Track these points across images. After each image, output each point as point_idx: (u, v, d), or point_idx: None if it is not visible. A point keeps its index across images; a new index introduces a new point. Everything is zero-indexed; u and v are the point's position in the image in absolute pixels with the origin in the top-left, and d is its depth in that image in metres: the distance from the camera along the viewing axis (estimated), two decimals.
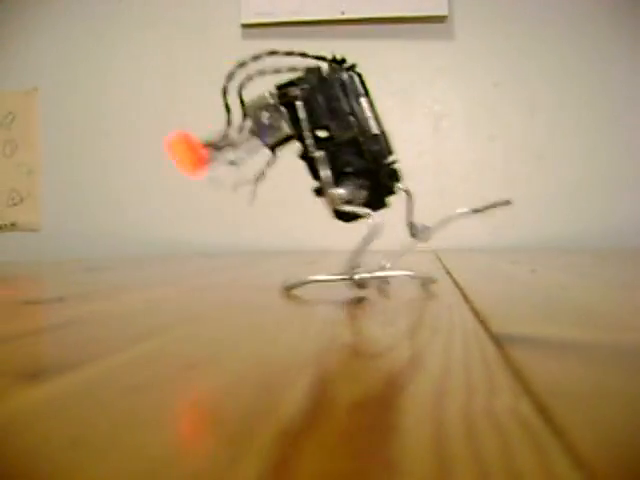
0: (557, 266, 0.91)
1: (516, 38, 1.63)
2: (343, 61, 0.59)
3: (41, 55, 1.75)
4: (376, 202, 0.58)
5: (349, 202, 0.55)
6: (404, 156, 1.67)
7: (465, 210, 0.60)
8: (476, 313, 0.40)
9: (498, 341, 0.30)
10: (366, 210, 0.56)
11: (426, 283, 0.58)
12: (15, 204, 1.74)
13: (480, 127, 1.64)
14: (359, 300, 0.50)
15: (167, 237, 1.64)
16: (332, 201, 0.54)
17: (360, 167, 0.56)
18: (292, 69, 0.57)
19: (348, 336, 0.34)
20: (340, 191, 0.55)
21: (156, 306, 0.51)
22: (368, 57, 1.62)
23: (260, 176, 0.57)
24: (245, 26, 1.65)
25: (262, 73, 0.57)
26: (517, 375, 0.24)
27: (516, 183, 1.62)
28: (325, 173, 0.54)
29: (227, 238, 1.61)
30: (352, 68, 0.58)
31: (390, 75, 1.63)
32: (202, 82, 1.66)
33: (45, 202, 1.74)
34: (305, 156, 0.56)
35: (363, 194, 0.57)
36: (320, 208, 0.57)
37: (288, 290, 0.55)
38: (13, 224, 1.74)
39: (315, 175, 0.56)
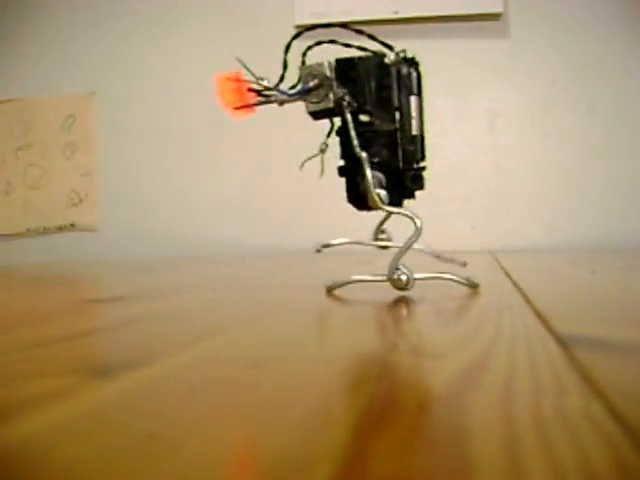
0: (618, 267, 0.89)
1: (573, 35, 1.61)
2: (413, 59, 0.59)
3: (99, 59, 1.79)
4: (392, 202, 0.56)
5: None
6: (459, 155, 1.66)
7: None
8: (538, 314, 0.40)
9: (563, 342, 0.30)
10: (410, 212, 0.55)
11: (471, 287, 0.57)
12: (74, 205, 1.78)
13: (536, 125, 1.62)
14: (415, 301, 0.50)
15: (221, 237, 1.65)
16: (373, 202, 0.54)
17: (388, 162, 0.55)
18: (361, 48, 0.56)
19: (410, 337, 0.34)
20: (382, 192, 0.54)
21: (213, 306, 0.51)
22: (422, 56, 1.61)
23: (324, 147, 0.57)
24: (299, 27, 1.65)
25: (333, 42, 0.57)
26: (585, 376, 0.23)
27: (573, 182, 1.59)
28: (370, 174, 0.53)
29: (279, 238, 1.62)
30: (414, 65, 0.58)
31: (444, 74, 1.62)
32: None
33: (102, 203, 1.77)
34: (340, 132, 0.56)
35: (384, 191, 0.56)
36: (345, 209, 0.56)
37: (330, 290, 0.55)
38: (72, 224, 1.78)
39: (344, 153, 0.56)
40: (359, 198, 0.56)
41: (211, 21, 1.72)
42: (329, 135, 0.57)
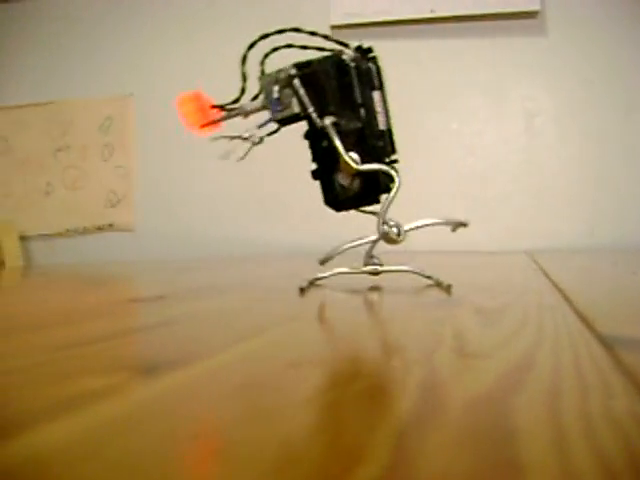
0: None
1: (610, 33, 1.58)
2: (368, 50, 0.57)
3: (136, 61, 1.81)
4: (369, 197, 0.56)
5: (344, 189, 0.55)
6: (495, 155, 1.65)
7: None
8: (579, 314, 0.39)
9: (606, 343, 0.29)
10: (386, 168, 0.54)
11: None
12: (112, 205, 1.80)
13: (574, 125, 1.60)
14: (455, 301, 0.50)
15: (257, 237, 1.66)
16: (346, 166, 0.53)
17: (359, 160, 0.54)
18: (320, 49, 0.56)
19: (452, 336, 0.34)
20: (354, 155, 0.53)
21: (252, 306, 0.51)
22: (458, 55, 1.61)
23: (259, 141, 0.58)
24: (334, 27, 1.66)
25: (289, 46, 0.57)
26: (631, 377, 0.23)
27: (612, 181, 1.57)
28: (336, 142, 0.53)
29: (315, 238, 1.62)
30: (373, 59, 0.56)
31: (481, 73, 1.61)
32: None
33: (140, 203, 1.79)
34: (309, 136, 0.56)
35: (356, 185, 0.55)
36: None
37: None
38: (111, 225, 1.80)
39: (315, 157, 0.56)
40: (335, 199, 0.56)
41: (247, 22, 1.73)
42: (270, 135, 0.57)
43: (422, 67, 1.63)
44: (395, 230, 0.54)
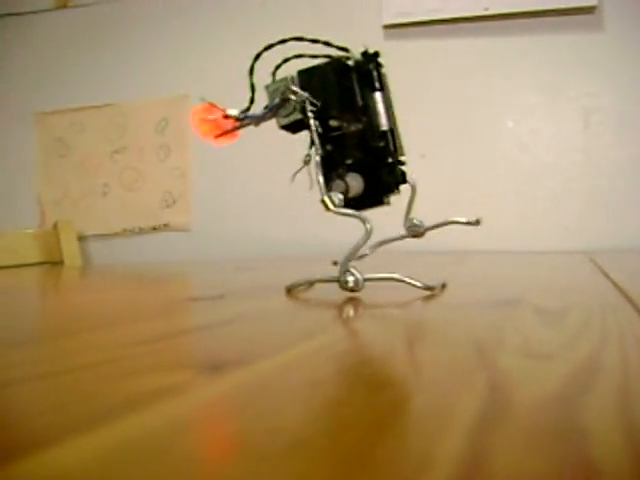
0: None
1: None
2: (375, 55, 0.57)
3: (191, 63, 1.83)
4: (373, 199, 0.57)
5: (344, 194, 0.55)
6: (552, 154, 1.63)
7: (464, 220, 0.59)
8: None
9: None
10: (360, 215, 0.55)
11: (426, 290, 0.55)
12: (168, 206, 1.83)
13: (632, 123, 1.56)
14: (515, 302, 0.49)
15: (312, 237, 1.66)
16: (325, 206, 0.55)
17: (362, 162, 0.56)
18: (328, 56, 0.57)
19: (515, 337, 0.33)
20: (338, 196, 0.54)
21: (309, 305, 0.52)
22: (513, 53, 1.59)
23: (307, 159, 0.57)
24: (387, 27, 1.65)
25: (299, 56, 0.58)
26: None
27: None
28: (319, 178, 0.55)
29: (372, 237, 1.61)
30: (375, 61, 0.57)
31: (536, 70, 1.59)
32: None
33: (195, 203, 1.81)
34: (313, 143, 0.56)
35: (358, 187, 0.56)
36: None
37: (289, 290, 0.57)
38: (166, 225, 1.83)
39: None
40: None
41: (299, 22, 1.73)
42: (311, 147, 0.57)
43: (476, 65, 1.62)
44: (352, 279, 0.54)
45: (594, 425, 0.18)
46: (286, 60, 0.58)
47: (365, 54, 0.57)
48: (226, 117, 0.59)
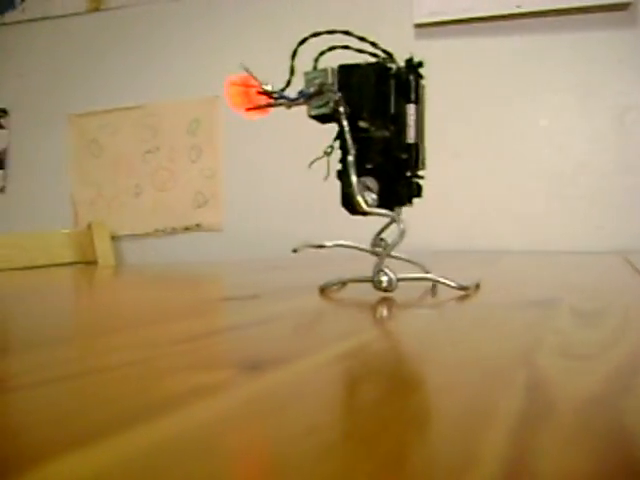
0: None
1: None
2: (419, 65, 0.57)
3: (222, 63, 1.84)
4: (383, 207, 0.56)
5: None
6: (586, 153, 1.61)
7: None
8: None
9: None
10: (394, 214, 0.55)
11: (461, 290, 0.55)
12: (200, 206, 1.84)
13: None
14: (551, 302, 0.49)
15: (344, 237, 1.66)
16: (358, 205, 0.54)
17: (381, 169, 0.56)
18: (373, 54, 0.57)
19: (553, 337, 0.33)
20: (371, 196, 0.55)
21: (343, 305, 0.52)
22: (546, 50, 1.57)
23: (329, 150, 0.58)
24: (418, 26, 1.65)
25: (345, 47, 0.57)
26: None
27: None
28: (352, 178, 0.55)
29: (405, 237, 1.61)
30: (416, 72, 0.57)
31: (570, 68, 1.57)
32: None
33: (226, 203, 1.82)
34: (339, 137, 0.57)
35: (374, 194, 0.56)
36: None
37: (323, 290, 0.58)
38: (198, 225, 1.84)
39: (343, 158, 0.56)
40: (350, 202, 0.56)
41: (330, 21, 1.73)
42: (336, 139, 0.57)
43: (509, 63, 1.61)
44: (385, 279, 0.55)
45: (636, 425, 0.18)
46: (332, 48, 0.58)
47: (409, 62, 0.57)
48: (260, 93, 0.59)
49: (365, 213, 0.55)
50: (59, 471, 0.15)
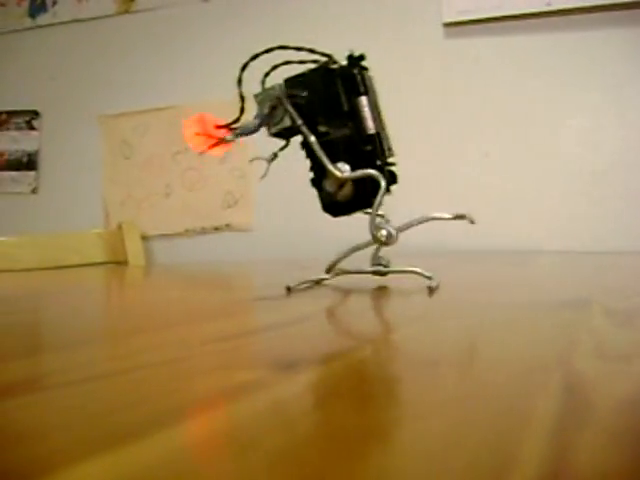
0: None
1: None
2: (360, 58, 0.59)
3: (252, 65, 1.84)
4: (364, 201, 0.58)
5: (330, 195, 0.59)
6: (619, 152, 1.59)
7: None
8: None
9: None
10: (372, 172, 0.56)
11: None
12: (229, 206, 1.85)
13: None
14: (581, 302, 0.48)
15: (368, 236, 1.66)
16: (334, 177, 0.57)
17: (352, 165, 0.57)
18: (315, 61, 0.59)
19: (585, 338, 0.33)
20: (343, 165, 0.56)
21: (377, 305, 0.52)
22: (576, 49, 1.56)
23: (272, 157, 0.62)
24: (447, 25, 1.64)
25: (288, 63, 0.60)
26: None
27: None
28: (321, 155, 0.57)
29: (433, 239, 1.60)
30: (359, 65, 0.59)
31: (601, 67, 1.55)
32: (403, 84, 1.68)
33: (256, 204, 1.83)
34: (304, 146, 0.60)
35: (349, 190, 0.58)
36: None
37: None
38: (228, 225, 1.85)
39: (312, 166, 0.59)
40: (329, 205, 0.59)
41: (359, 21, 1.73)
42: (282, 149, 0.60)
43: (538, 62, 1.59)
44: (384, 232, 0.57)
45: None
46: (275, 67, 0.60)
47: (350, 58, 0.59)
48: (219, 127, 0.61)
49: (347, 211, 0.57)
50: (92, 472, 0.15)
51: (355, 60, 0.59)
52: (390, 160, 0.59)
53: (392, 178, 0.59)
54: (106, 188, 2.01)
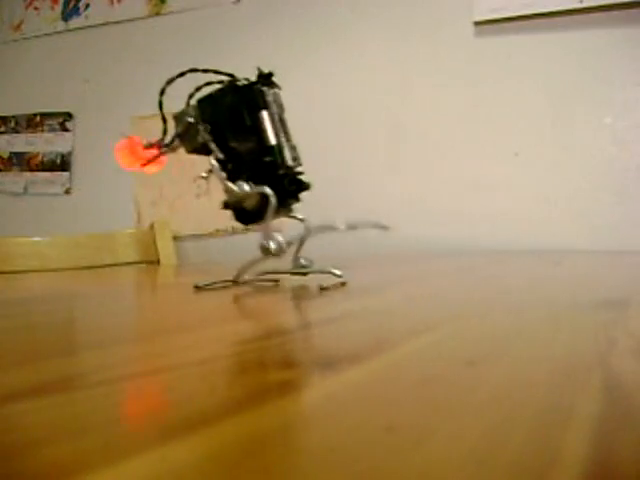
0: None
1: None
2: (270, 75, 0.64)
3: (282, 65, 1.85)
4: (282, 208, 0.64)
5: (261, 209, 0.62)
6: None
7: (338, 226, 0.66)
8: None
9: None
10: (265, 189, 0.61)
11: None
12: None
13: None
14: (624, 302, 0.48)
15: (417, 236, 1.66)
16: (228, 191, 0.62)
17: (256, 177, 0.62)
18: (232, 80, 0.63)
19: (624, 338, 0.33)
20: (242, 186, 0.61)
21: (418, 303, 0.52)
22: (609, 47, 1.54)
23: (206, 176, 0.64)
24: (478, 23, 1.63)
25: (209, 84, 0.64)
26: None
27: None
28: (220, 174, 0.62)
29: (466, 237, 1.60)
30: (268, 81, 0.63)
31: (634, 64, 1.53)
32: (435, 83, 1.67)
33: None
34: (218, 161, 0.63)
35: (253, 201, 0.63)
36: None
37: (199, 289, 0.63)
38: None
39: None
40: (240, 215, 0.64)
41: (390, 22, 1.73)
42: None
43: (571, 60, 1.58)
44: (273, 244, 0.63)
45: None
46: (198, 89, 0.64)
47: (259, 76, 0.63)
48: (146, 148, 0.66)
49: (256, 220, 0.63)
50: (137, 468, 0.16)
51: (264, 77, 0.64)
52: (298, 169, 0.65)
53: (299, 186, 0.64)
54: (138, 188, 2.03)
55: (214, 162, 0.62)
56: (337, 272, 0.64)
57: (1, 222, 2.22)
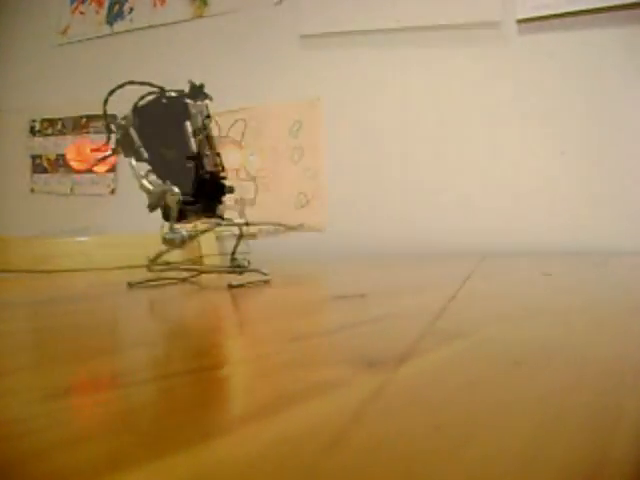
0: None
1: None
2: (201, 86, 0.70)
3: (323, 69, 1.86)
4: (209, 210, 0.71)
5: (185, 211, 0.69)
6: None
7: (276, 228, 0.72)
8: None
9: None
10: (168, 187, 0.67)
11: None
12: (302, 206, 1.86)
13: None
14: None
15: (439, 236, 1.65)
16: (143, 188, 0.68)
17: (180, 182, 0.68)
18: (160, 87, 0.70)
19: None
20: (145, 185, 0.68)
21: (453, 304, 0.52)
22: (627, 45, 1.50)
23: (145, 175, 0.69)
24: (521, 21, 1.61)
25: (151, 93, 0.71)
26: None
27: None
28: (137, 173, 0.69)
29: (499, 239, 1.58)
30: (200, 93, 0.69)
31: None
32: (478, 82, 1.66)
33: (329, 204, 1.83)
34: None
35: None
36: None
37: (131, 285, 0.71)
38: (301, 225, 1.86)
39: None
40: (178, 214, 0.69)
41: (429, 19, 1.72)
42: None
43: (617, 57, 1.55)
44: (176, 236, 0.69)
45: None
46: (142, 98, 0.71)
47: (192, 87, 0.69)
48: (94, 150, 0.78)
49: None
50: (182, 464, 0.16)
51: (196, 89, 0.70)
52: (222, 175, 0.71)
53: (221, 189, 0.72)
54: None
55: (134, 162, 0.69)
56: (265, 272, 0.73)
57: (50, 222, 2.26)
